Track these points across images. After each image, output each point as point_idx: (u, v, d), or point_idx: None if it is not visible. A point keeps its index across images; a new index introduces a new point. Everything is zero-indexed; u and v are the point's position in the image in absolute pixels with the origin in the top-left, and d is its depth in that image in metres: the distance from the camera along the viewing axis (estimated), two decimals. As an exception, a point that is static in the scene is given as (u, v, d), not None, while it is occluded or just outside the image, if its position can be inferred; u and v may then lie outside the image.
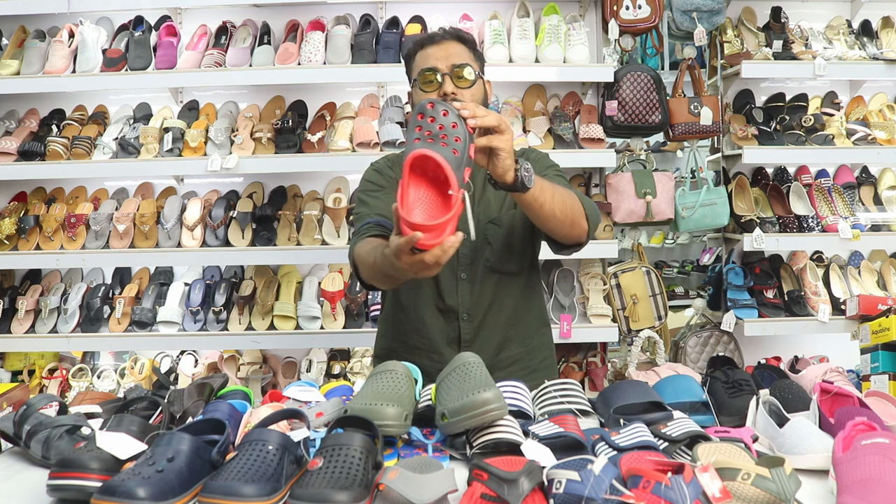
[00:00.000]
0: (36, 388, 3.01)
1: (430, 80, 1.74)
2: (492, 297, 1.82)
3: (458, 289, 1.81)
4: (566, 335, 2.88)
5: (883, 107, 3.29)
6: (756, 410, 1.50)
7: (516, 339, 1.86)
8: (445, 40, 1.78)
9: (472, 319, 1.81)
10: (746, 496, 1.08)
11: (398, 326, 1.88)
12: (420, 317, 1.83)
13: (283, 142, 2.96)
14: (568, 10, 3.20)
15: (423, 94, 1.75)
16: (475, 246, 1.79)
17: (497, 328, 1.83)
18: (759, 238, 2.98)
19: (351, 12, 3.15)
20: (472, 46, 1.82)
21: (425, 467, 1.15)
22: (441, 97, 1.72)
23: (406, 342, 1.85)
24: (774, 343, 3.13)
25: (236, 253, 2.97)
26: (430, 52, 1.77)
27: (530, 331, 1.90)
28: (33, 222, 3.01)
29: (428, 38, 1.81)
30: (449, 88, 1.72)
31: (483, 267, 1.81)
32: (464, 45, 1.80)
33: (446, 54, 1.75)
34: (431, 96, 1.74)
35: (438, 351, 1.80)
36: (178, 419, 1.50)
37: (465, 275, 1.81)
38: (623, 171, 3.11)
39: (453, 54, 1.76)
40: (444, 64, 1.74)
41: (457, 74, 1.73)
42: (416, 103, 1.79)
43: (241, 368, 3.05)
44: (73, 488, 1.12)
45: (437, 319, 1.82)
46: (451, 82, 1.73)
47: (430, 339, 1.81)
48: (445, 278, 1.80)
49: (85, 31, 3.00)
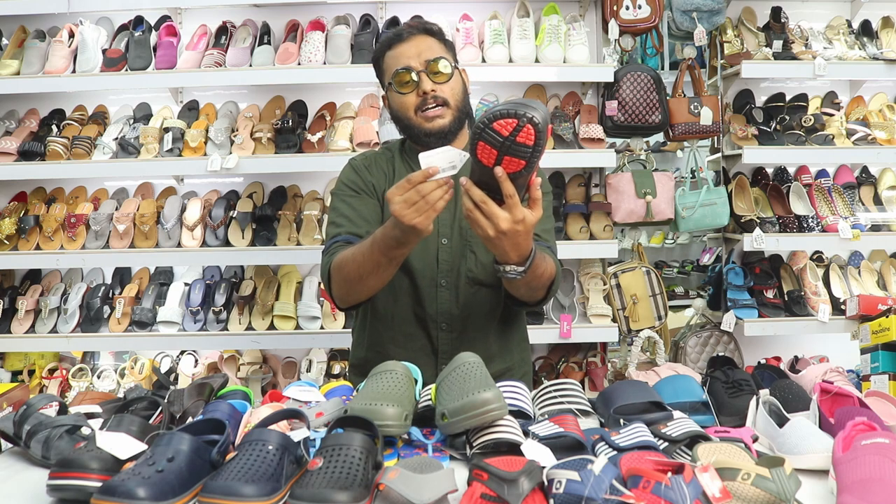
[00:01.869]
0: (36, 388, 3.01)
1: (406, 81, 1.69)
2: (472, 308, 1.76)
3: (438, 296, 1.75)
4: (566, 335, 2.88)
5: (883, 107, 3.29)
6: (756, 410, 1.50)
7: (497, 355, 1.80)
8: (413, 36, 1.73)
9: (451, 329, 1.76)
10: (746, 496, 1.08)
11: (374, 336, 1.82)
12: (398, 326, 1.77)
13: (283, 142, 2.96)
14: (568, 10, 3.20)
15: (401, 97, 1.71)
16: (456, 253, 1.75)
17: (477, 341, 1.75)
18: (759, 238, 2.98)
19: (351, 12, 3.15)
20: (441, 37, 1.77)
21: (425, 467, 1.15)
22: (421, 96, 1.69)
23: (381, 352, 1.77)
24: (774, 343, 3.13)
25: (236, 253, 2.97)
26: (401, 50, 1.72)
27: (511, 346, 1.86)
28: (33, 222, 3.01)
29: (395, 36, 1.75)
30: (427, 86, 1.68)
31: (465, 277, 1.75)
32: (433, 38, 1.74)
33: (417, 51, 1.70)
34: (410, 97, 1.70)
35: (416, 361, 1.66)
36: (178, 419, 1.50)
37: (445, 282, 1.75)
38: (623, 171, 3.11)
39: (424, 49, 1.70)
40: (416, 61, 1.69)
41: (432, 70, 1.68)
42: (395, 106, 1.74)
43: (241, 368, 3.05)
44: (73, 488, 1.12)
45: (414, 328, 1.77)
46: (427, 79, 1.68)
47: (407, 350, 1.75)
48: (425, 285, 1.75)
49: (85, 31, 3.00)
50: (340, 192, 1.81)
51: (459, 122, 1.75)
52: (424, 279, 1.75)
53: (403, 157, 1.86)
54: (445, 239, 1.76)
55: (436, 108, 1.70)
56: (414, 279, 1.76)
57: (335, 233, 1.74)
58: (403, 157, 1.86)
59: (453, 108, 1.72)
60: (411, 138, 1.79)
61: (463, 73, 1.79)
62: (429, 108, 1.70)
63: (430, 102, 1.69)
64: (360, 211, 1.75)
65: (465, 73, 1.81)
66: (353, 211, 1.75)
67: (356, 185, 1.80)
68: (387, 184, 1.80)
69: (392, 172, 1.83)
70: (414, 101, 1.70)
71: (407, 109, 1.72)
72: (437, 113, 1.70)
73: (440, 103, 1.70)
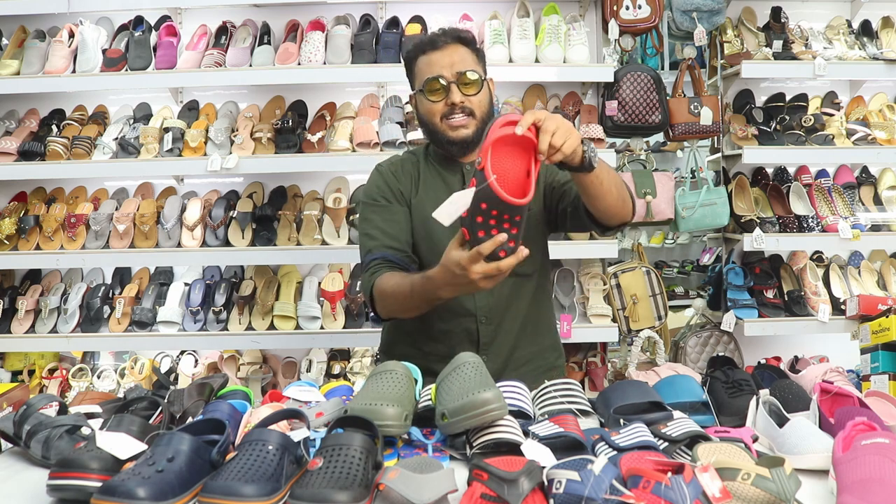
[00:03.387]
0: (36, 388, 3.01)
1: (437, 89, 1.75)
2: (508, 299, 1.81)
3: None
4: (566, 335, 2.87)
5: (883, 107, 3.29)
6: (756, 410, 1.50)
7: (529, 340, 1.86)
8: (448, 44, 1.77)
9: (490, 322, 1.81)
10: (746, 496, 1.08)
11: (412, 332, 1.85)
12: (437, 323, 1.80)
13: (283, 142, 2.96)
14: (568, 10, 3.20)
15: (430, 104, 1.76)
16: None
17: (513, 330, 1.83)
18: (759, 238, 2.98)
19: (351, 12, 3.15)
20: (473, 46, 1.82)
21: (425, 467, 1.15)
22: (449, 106, 1.74)
23: (421, 349, 1.82)
24: (774, 343, 3.13)
25: (236, 253, 2.97)
26: (434, 58, 1.77)
27: (542, 330, 1.91)
28: (33, 222, 3.01)
29: (429, 42, 1.79)
30: (457, 98, 1.73)
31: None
32: (466, 48, 1.79)
33: (450, 61, 1.75)
34: (438, 105, 1.75)
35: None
36: (178, 419, 1.50)
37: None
38: (623, 171, 3.11)
39: (457, 61, 1.75)
40: (448, 71, 1.74)
41: (463, 81, 1.74)
42: (422, 111, 1.80)
43: (241, 368, 3.05)
44: (73, 488, 1.12)
45: (454, 325, 1.81)
46: (457, 91, 1.74)
47: (447, 345, 1.79)
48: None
49: (85, 31, 3.00)
50: (371, 201, 1.86)
51: (482, 131, 1.79)
52: None
53: (429, 161, 1.90)
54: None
55: (462, 117, 1.76)
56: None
57: (371, 246, 1.79)
58: (429, 162, 1.90)
59: (478, 118, 1.78)
60: (435, 143, 1.85)
61: (490, 82, 1.84)
62: (455, 116, 1.76)
63: (457, 112, 1.75)
64: (393, 222, 1.80)
65: (492, 83, 1.86)
66: (386, 222, 1.81)
67: (385, 194, 1.85)
68: (413, 188, 1.86)
69: (418, 177, 1.88)
70: (441, 109, 1.76)
71: (434, 116, 1.78)
72: (461, 122, 1.76)
73: (466, 114, 1.76)
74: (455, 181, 1.84)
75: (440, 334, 1.81)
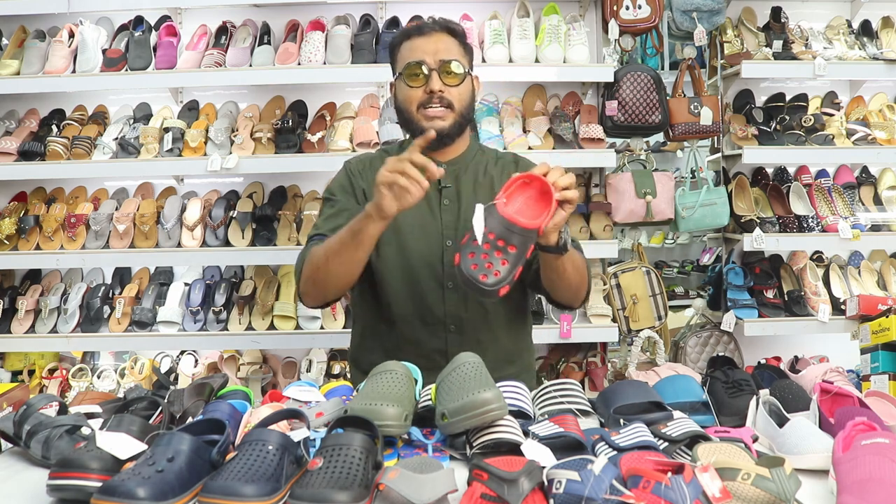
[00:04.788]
0: (36, 388, 3.01)
1: (416, 74, 1.67)
2: (480, 311, 1.76)
3: (445, 298, 1.75)
4: (566, 335, 2.87)
5: (883, 107, 3.29)
6: (756, 410, 1.50)
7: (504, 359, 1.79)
8: (434, 32, 1.71)
9: (459, 332, 1.76)
10: (746, 496, 1.08)
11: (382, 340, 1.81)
12: (407, 330, 1.77)
13: (283, 142, 2.96)
14: (568, 10, 3.20)
15: (408, 90, 1.69)
16: None
17: (487, 344, 1.75)
18: (759, 238, 2.98)
19: (351, 12, 3.15)
20: (462, 39, 1.76)
21: (425, 467, 1.15)
22: (427, 94, 1.68)
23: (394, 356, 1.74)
24: (774, 343, 3.12)
25: (236, 253, 2.97)
26: (418, 43, 1.71)
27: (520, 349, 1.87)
28: (33, 222, 3.01)
29: (416, 28, 1.74)
30: (436, 86, 1.67)
31: None
32: (453, 38, 1.73)
33: (435, 48, 1.69)
34: (417, 91, 1.68)
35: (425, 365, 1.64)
36: (178, 419, 1.50)
37: (452, 283, 1.74)
38: (623, 171, 3.11)
39: (442, 49, 1.69)
40: (431, 58, 1.68)
41: (444, 70, 1.67)
42: (400, 98, 1.74)
43: (241, 368, 3.05)
44: (73, 488, 1.12)
45: (422, 333, 1.76)
46: (437, 78, 1.67)
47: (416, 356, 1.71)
48: (430, 289, 1.74)
49: (85, 31, 3.00)
50: (329, 195, 1.83)
51: (460, 127, 1.75)
52: (430, 282, 1.74)
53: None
54: (450, 241, 1.76)
55: (439, 108, 1.69)
56: (419, 282, 1.76)
57: (314, 233, 1.76)
58: None
59: (457, 112, 1.72)
60: (410, 133, 1.80)
61: (475, 80, 1.78)
62: (432, 106, 1.69)
63: (434, 102, 1.69)
64: (343, 214, 1.74)
65: (478, 80, 1.80)
66: (337, 215, 1.75)
67: (345, 190, 1.81)
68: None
69: None
70: (419, 97, 1.70)
71: (410, 103, 1.71)
72: (438, 113, 1.70)
73: (444, 105, 1.70)
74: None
75: (411, 344, 1.76)
